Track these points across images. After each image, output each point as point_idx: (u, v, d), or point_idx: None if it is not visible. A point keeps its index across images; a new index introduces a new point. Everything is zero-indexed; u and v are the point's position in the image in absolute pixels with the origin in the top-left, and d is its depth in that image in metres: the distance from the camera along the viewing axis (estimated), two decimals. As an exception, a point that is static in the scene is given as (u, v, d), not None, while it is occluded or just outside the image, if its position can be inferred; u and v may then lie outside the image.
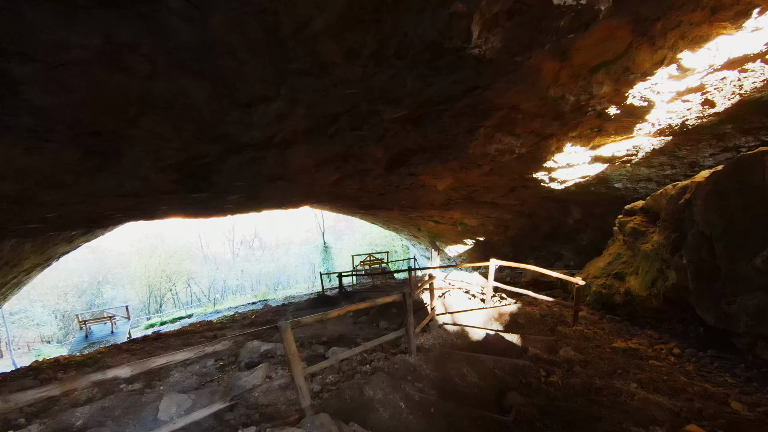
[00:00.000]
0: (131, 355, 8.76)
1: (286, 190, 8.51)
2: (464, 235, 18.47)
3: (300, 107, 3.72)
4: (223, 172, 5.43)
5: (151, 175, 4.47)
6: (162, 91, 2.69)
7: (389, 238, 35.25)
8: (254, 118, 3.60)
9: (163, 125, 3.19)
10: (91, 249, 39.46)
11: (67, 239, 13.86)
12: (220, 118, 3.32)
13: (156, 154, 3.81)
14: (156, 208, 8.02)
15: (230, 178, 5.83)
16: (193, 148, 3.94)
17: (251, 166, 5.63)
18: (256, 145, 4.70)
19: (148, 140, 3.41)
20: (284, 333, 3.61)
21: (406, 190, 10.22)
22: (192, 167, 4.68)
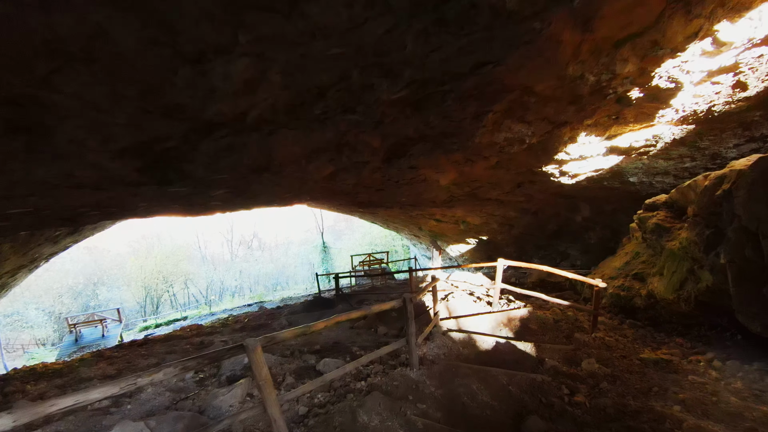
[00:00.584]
0: (109, 365, 8.05)
1: (275, 185, 7.79)
2: (467, 234, 17.74)
3: (274, 71, 3.01)
4: (196, 161, 4.72)
5: (105, 162, 3.76)
6: (71, 32, 1.98)
7: (389, 238, 34.53)
8: (214, 82, 2.88)
9: (93, 89, 2.47)
10: (88, 250, 38.76)
11: (51, 239, 13.15)
12: (167, 79, 2.60)
13: (101, 132, 3.09)
14: (134, 204, 7.29)
15: (207, 168, 5.11)
16: (147, 125, 3.23)
17: (229, 155, 4.91)
18: (228, 126, 3.98)
19: (83, 111, 2.70)
20: (253, 354, 2.89)
21: (407, 186, 9.49)
22: (155, 153, 3.97)
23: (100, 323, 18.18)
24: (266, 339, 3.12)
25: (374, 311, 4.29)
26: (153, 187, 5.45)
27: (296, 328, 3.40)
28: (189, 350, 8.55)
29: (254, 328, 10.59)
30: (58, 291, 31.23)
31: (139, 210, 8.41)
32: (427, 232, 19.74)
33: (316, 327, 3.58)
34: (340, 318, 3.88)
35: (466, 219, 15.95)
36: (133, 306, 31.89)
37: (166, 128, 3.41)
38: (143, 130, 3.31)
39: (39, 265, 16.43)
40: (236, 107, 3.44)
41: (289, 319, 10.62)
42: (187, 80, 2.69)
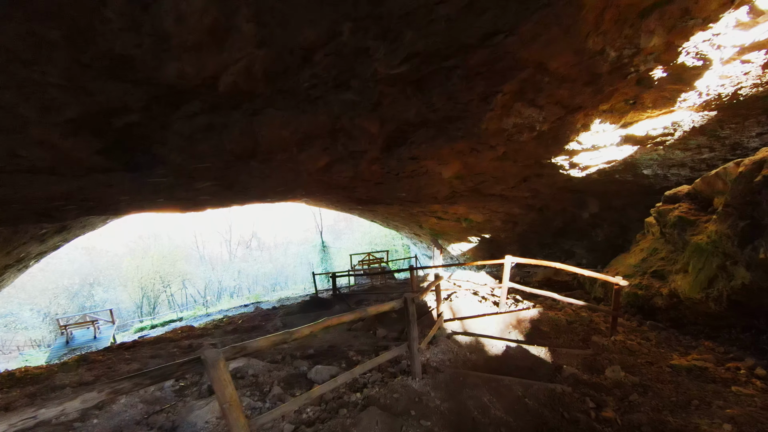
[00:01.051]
0: (88, 370, 7.46)
1: (266, 177, 7.21)
2: (469, 232, 17.16)
3: (245, 16, 2.42)
4: (168, 143, 4.14)
5: (55, 140, 3.19)
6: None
7: (389, 237, 33.94)
8: (165, 25, 2.29)
9: (3, 29, 1.90)
10: (86, 250, 38.17)
11: (37, 238, 12.58)
12: (95, 12, 2.03)
13: (35, 96, 2.52)
14: (113, 197, 6.72)
15: (183, 153, 4.53)
16: (94, 88, 2.65)
17: (208, 137, 4.34)
18: (200, 98, 3.40)
19: (1, 64, 2.13)
20: (214, 371, 2.30)
21: (407, 179, 8.91)
22: (116, 131, 3.39)
23: (92, 325, 17.59)
24: (234, 350, 2.54)
25: (371, 313, 3.71)
26: (125, 175, 4.87)
27: (275, 336, 2.82)
28: (176, 354, 7.97)
29: (247, 330, 10.00)
30: (53, 292, 30.62)
31: (121, 205, 7.83)
32: (428, 230, 19.15)
33: (300, 333, 3.01)
34: (331, 322, 3.31)
35: (468, 216, 15.37)
36: (129, 307, 31.29)
37: (119, 93, 2.83)
38: (90, 96, 2.74)
39: (29, 265, 15.87)
40: (202, 67, 2.86)
41: (284, 321, 10.04)
42: (124, 16, 2.11)
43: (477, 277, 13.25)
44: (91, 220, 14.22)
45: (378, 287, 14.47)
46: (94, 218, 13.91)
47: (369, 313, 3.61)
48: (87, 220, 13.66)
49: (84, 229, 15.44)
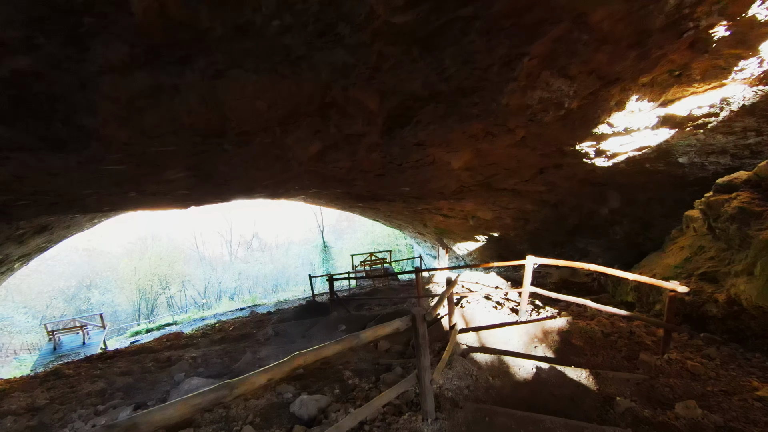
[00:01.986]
0: (47, 390, 6.46)
1: (249, 166, 6.19)
2: (476, 230, 16.09)
3: None
4: (100, 111, 3.14)
5: None
6: None
7: (392, 237, 32.90)
8: None
9: None
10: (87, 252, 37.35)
11: (14, 239, 11.61)
12: None
13: None
14: (68, 190, 5.72)
15: (126, 127, 3.52)
16: None
17: (156, 104, 3.33)
18: (113, 29, 2.38)
19: None
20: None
21: (411, 170, 7.87)
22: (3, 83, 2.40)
23: (81, 330, 16.64)
24: (119, 428, 1.48)
25: (366, 340, 2.66)
26: (63, 159, 3.86)
27: (199, 397, 1.76)
28: (150, 369, 6.97)
29: (236, 339, 8.99)
30: (50, 294, 29.79)
31: (89, 201, 6.84)
32: (433, 229, 18.10)
33: (250, 385, 1.98)
34: (305, 359, 2.30)
35: (476, 214, 14.31)
36: (127, 309, 30.41)
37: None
38: None
39: (13, 267, 14.94)
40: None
41: (276, 329, 9.01)
42: None
43: (487, 279, 12.19)
44: (76, 220, 13.26)
45: (381, 289, 13.42)
46: (78, 218, 12.96)
47: (363, 340, 2.57)
48: (72, 219, 12.71)
49: (69, 230, 14.48)
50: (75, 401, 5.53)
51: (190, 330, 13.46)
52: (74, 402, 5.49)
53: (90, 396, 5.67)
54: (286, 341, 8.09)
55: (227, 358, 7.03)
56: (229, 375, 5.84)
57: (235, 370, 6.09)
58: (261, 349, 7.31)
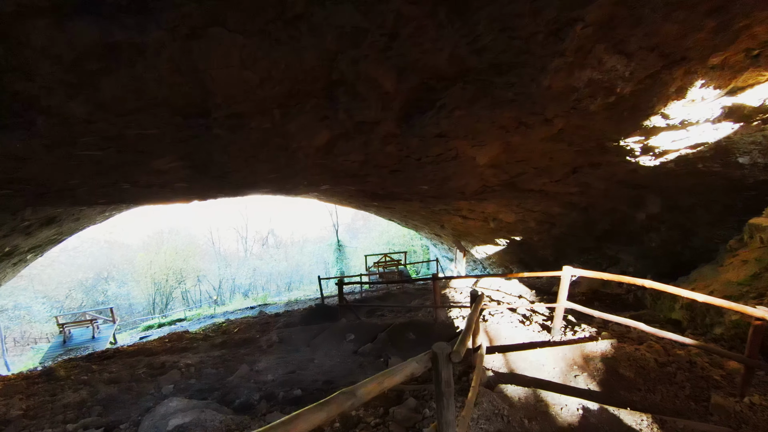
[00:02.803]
0: (27, 397, 5.90)
1: (249, 156, 5.48)
2: (497, 233, 15.14)
3: None
4: (37, 73, 2.45)
5: None
6: None
7: (408, 237, 32.04)
8: None
9: None
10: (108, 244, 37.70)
11: (20, 230, 11.24)
12: None
13: None
14: (51, 179, 5.12)
15: (78, 99, 2.83)
16: None
17: (113, 67, 2.62)
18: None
19: None
20: None
21: (431, 166, 7.04)
22: None
23: (91, 324, 16.37)
24: None
25: (367, 398, 1.84)
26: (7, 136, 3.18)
27: None
28: (140, 377, 6.34)
29: (237, 344, 8.33)
30: (69, 285, 30.01)
31: (80, 192, 6.26)
32: (451, 231, 17.21)
33: None
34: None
35: (497, 216, 13.37)
36: (142, 302, 30.41)
37: None
38: None
39: (26, 259, 14.69)
40: None
41: (282, 334, 8.32)
42: None
43: (509, 286, 11.26)
44: (85, 212, 12.87)
45: (394, 293, 12.63)
46: (87, 210, 12.57)
47: (360, 399, 1.76)
48: (80, 212, 12.33)
49: (80, 222, 14.13)
50: (49, 415, 4.91)
51: (196, 329, 12.94)
52: (48, 416, 4.87)
53: (66, 409, 5.05)
54: (289, 350, 7.38)
55: (223, 368, 6.34)
56: (219, 391, 5.15)
57: (227, 384, 5.39)
58: (261, 359, 6.60)
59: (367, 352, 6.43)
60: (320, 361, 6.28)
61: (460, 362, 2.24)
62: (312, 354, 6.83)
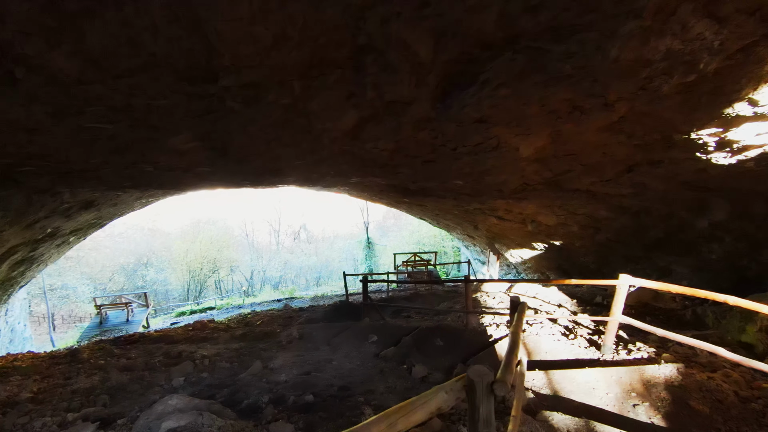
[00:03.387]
0: (42, 378, 5.78)
1: (270, 139, 5.07)
2: (535, 237, 14.17)
3: None
4: (6, 17, 2.08)
5: None
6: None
7: (439, 238, 31.22)
8: None
9: None
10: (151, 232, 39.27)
11: (62, 212, 11.52)
12: None
13: None
14: (68, 156, 4.91)
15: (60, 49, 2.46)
16: None
17: (96, 14, 2.22)
18: None
19: None
20: None
21: (468, 158, 6.40)
22: None
23: (126, 307, 16.80)
24: None
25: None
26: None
27: None
28: (155, 366, 6.10)
29: (257, 338, 8.01)
30: (112, 269, 31.38)
31: (102, 172, 6.09)
32: (485, 232, 16.35)
33: None
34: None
35: (536, 218, 12.46)
36: (178, 289, 31.34)
37: None
38: None
39: (68, 241, 15.22)
40: None
41: (303, 330, 7.92)
42: None
43: (547, 293, 10.39)
44: (122, 198, 13.10)
45: (422, 294, 12.01)
46: (124, 196, 12.77)
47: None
48: (117, 197, 12.55)
49: (117, 208, 14.46)
50: (56, 400, 4.70)
51: (222, 318, 12.87)
52: (54, 401, 4.66)
53: (74, 395, 4.83)
54: (309, 347, 6.96)
55: (237, 363, 5.99)
56: (229, 388, 4.77)
57: (238, 382, 5.01)
58: (277, 356, 6.21)
59: (389, 356, 5.89)
60: (339, 363, 5.80)
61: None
62: (331, 354, 6.36)
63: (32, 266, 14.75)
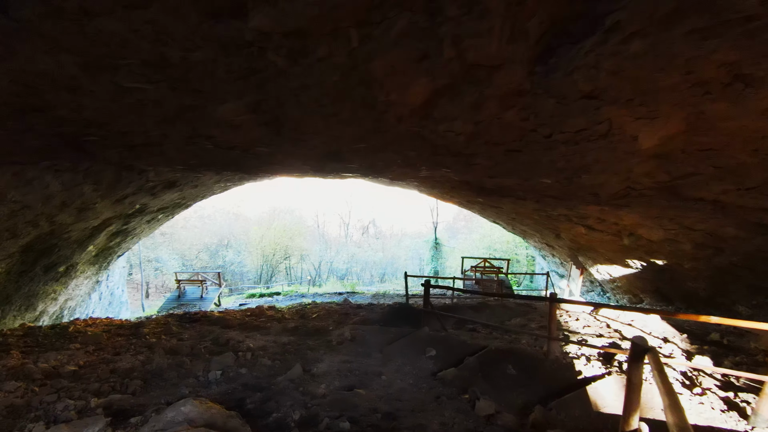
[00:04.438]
0: (94, 350, 5.74)
1: (327, 113, 4.36)
2: (630, 253, 12.06)
3: None
4: None
5: None
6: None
7: (512, 244, 29.02)
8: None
9: None
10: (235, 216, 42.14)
11: (147, 190, 12.19)
12: None
13: None
14: (110, 118, 4.67)
15: None
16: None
17: None
18: None
19: None
20: None
21: (565, 147, 5.14)
22: None
23: (201, 284, 17.69)
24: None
25: None
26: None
27: None
28: (199, 352, 5.78)
29: (308, 333, 7.48)
30: (198, 248, 34.00)
31: (166, 147, 5.91)
32: (568, 242, 14.42)
33: None
34: None
35: (637, 231, 10.46)
36: (252, 271, 33.00)
37: None
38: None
39: (157, 218, 16.32)
40: None
41: (356, 332, 7.21)
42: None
43: (646, 322, 8.57)
44: (202, 181, 13.60)
45: (491, 305, 10.72)
46: (203, 178, 13.23)
47: None
48: (197, 179, 13.03)
49: (198, 189, 15.08)
50: (93, 378, 4.48)
51: (283, 306, 12.77)
52: (90, 380, 4.43)
53: (111, 376, 4.58)
54: (359, 352, 6.23)
55: (279, 362, 5.43)
56: (262, 393, 4.16)
57: (273, 387, 4.40)
58: (323, 359, 5.55)
59: (449, 379, 4.91)
60: (389, 379, 4.96)
61: None
62: (382, 365, 5.55)
63: (126, 238, 15.98)
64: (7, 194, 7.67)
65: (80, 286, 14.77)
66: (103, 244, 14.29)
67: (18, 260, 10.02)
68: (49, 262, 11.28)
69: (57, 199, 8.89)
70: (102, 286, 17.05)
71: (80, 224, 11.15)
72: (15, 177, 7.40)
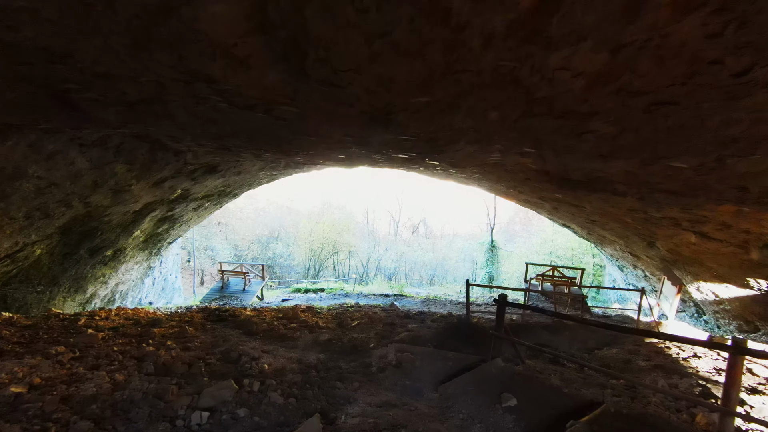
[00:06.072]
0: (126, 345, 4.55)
1: (372, 31, 2.66)
2: (755, 270, 9.19)
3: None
4: None
5: None
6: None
7: (577, 251, 25.75)
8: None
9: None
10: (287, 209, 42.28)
11: (187, 174, 11.32)
12: None
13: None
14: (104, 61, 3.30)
15: None
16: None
17: None
18: None
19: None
20: None
21: (765, 93, 3.03)
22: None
23: (244, 276, 16.94)
24: None
25: None
26: None
27: None
28: (196, 374, 4.37)
29: (343, 351, 5.88)
30: (250, 239, 34.12)
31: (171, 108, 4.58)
32: (665, 252, 11.63)
33: None
34: None
35: (779, 241, 7.76)
36: (300, 265, 32.49)
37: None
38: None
39: (203, 205, 15.68)
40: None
41: (402, 353, 5.49)
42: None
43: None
44: (244, 167, 12.59)
45: (569, 326, 8.53)
46: (246, 164, 12.22)
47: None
48: (239, 165, 12.06)
49: (241, 176, 14.15)
50: (29, 413, 3.16)
51: (323, 306, 11.40)
52: (26, 414, 3.12)
53: (61, 406, 3.25)
54: (406, 388, 4.52)
55: (296, 400, 3.84)
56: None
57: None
58: (356, 398, 3.89)
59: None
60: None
61: None
62: (440, 414, 3.79)
63: (174, 225, 15.43)
64: (28, 169, 6.86)
65: (131, 270, 14.38)
66: (150, 230, 13.77)
67: (59, 242, 9.45)
68: (93, 246, 10.72)
69: (87, 178, 8.09)
70: (155, 271, 16.84)
71: (119, 207, 10.42)
72: (31, 149, 6.54)
